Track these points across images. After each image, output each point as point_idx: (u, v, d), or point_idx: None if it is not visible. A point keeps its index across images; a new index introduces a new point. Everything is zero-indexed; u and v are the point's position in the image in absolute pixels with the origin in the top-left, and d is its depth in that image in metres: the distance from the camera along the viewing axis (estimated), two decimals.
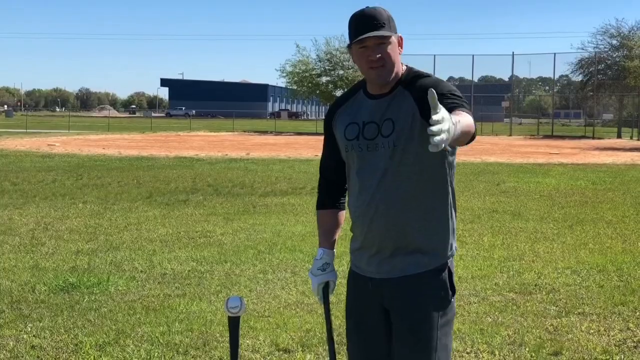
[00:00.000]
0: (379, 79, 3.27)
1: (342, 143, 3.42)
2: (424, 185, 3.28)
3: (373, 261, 3.37)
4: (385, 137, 3.26)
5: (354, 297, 3.52)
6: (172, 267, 8.84)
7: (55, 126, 70.08)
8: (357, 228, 3.42)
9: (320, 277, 3.53)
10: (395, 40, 3.29)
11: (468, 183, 19.71)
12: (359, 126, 3.35)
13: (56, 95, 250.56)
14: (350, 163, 3.41)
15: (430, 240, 3.31)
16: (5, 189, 17.22)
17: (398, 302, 3.33)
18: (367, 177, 3.32)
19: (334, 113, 3.51)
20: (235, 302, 3.45)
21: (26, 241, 10.46)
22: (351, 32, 3.26)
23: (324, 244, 3.59)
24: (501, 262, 9.39)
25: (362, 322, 3.46)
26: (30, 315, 6.78)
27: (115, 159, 27.82)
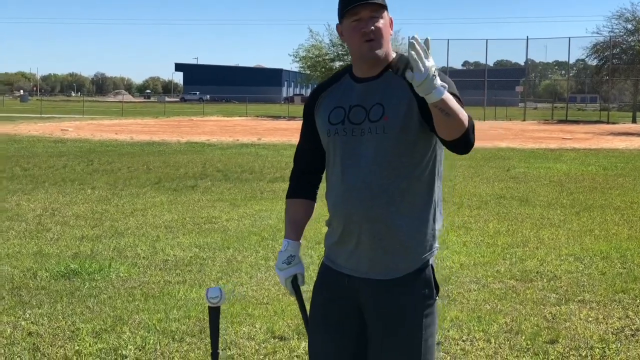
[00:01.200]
0: (371, 52, 3.10)
1: (324, 128, 3.24)
2: (412, 180, 3.12)
3: (352, 257, 3.19)
4: (373, 122, 3.10)
5: (324, 293, 3.33)
6: (174, 254, 8.86)
7: (70, 111, 70.29)
8: (336, 220, 3.22)
9: (286, 271, 3.37)
10: (387, 17, 3.17)
11: (478, 168, 19.66)
12: (344, 110, 3.19)
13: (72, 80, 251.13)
14: (332, 149, 3.22)
15: (414, 238, 3.13)
16: (15, 174, 17.29)
17: (379, 303, 3.16)
18: (350, 164, 3.14)
19: (316, 98, 3.34)
20: (215, 292, 3.46)
21: (32, 227, 10.51)
22: (342, 5, 3.13)
23: (289, 235, 3.41)
24: (504, 249, 9.36)
25: (332, 319, 3.28)
26: (30, 302, 6.82)
27: (126, 144, 27.88)
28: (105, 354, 5.52)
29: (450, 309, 6.72)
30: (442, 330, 6.09)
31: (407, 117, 3.06)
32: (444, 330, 6.10)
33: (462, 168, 19.62)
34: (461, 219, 11.53)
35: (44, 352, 5.55)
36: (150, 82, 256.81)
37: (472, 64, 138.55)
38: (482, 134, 37.81)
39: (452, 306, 6.82)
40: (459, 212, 12.29)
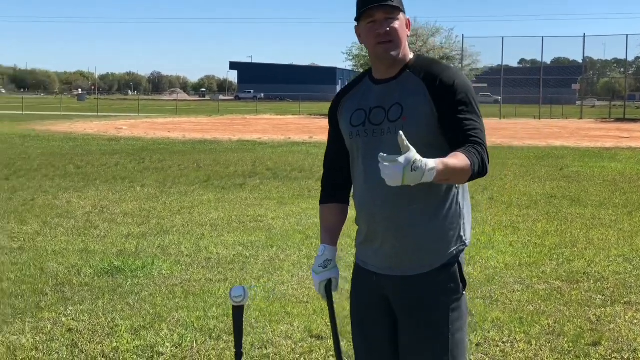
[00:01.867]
0: (386, 54, 3.14)
1: (347, 130, 3.29)
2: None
3: (378, 255, 3.24)
4: (392, 121, 3.13)
5: (357, 292, 3.40)
6: (217, 252, 8.88)
7: (126, 110, 71.15)
8: (362, 219, 3.28)
9: (321, 275, 3.41)
10: (403, 18, 3.20)
11: (530, 167, 19.43)
12: (365, 112, 3.23)
13: (129, 79, 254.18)
14: (355, 151, 3.27)
15: (437, 235, 3.15)
16: (69, 172, 17.53)
17: (406, 299, 3.20)
18: (371, 164, 3.11)
19: (338, 102, 3.40)
20: (239, 291, 3.43)
21: (80, 224, 10.63)
22: (358, 7, 3.18)
23: (325, 240, 3.47)
24: (552, 249, 9.21)
25: (366, 317, 3.35)
26: (72, 299, 6.88)
27: (178, 142, 28.11)
28: (142, 351, 5.55)
29: (492, 309, 6.62)
30: (482, 332, 6.00)
31: (425, 117, 3.08)
32: (484, 332, 6.01)
33: (513, 167, 19.44)
34: (509, 219, 11.38)
35: (82, 348, 5.59)
36: (206, 81, 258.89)
37: (528, 61, 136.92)
38: (536, 132, 37.49)
39: (494, 307, 6.72)
40: (508, 211, 12.14)
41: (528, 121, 53.25)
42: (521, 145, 27.74)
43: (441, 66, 3.21)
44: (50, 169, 17.99)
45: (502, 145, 27.86)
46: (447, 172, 2.81)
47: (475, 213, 11.82)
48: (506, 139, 31.15)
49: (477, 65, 63.38)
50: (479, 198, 13.62)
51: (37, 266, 8.07)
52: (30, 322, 6.16)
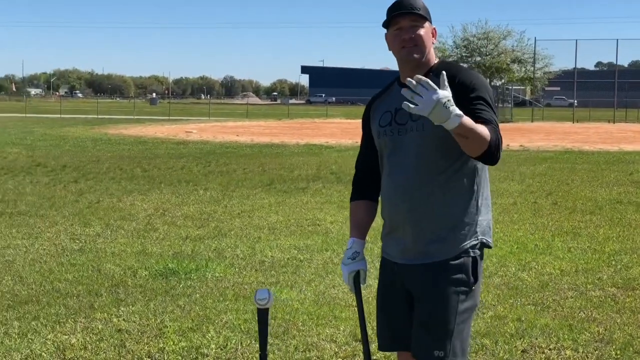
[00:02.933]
0: (409, 56, 3.40)
1: (375, 132, 3.54)
2: (452, 173, 3.36)
3: (398, 246, 3.47)
4: (415, 120, 3.35)
5: (381, 282, 3.64)
6: (272, 255, 8.94)
7: (197, 113, 72.04)
8: (386, 212, 3.52)
9: (350, 266, 3.59)
10: (429, 27, 3.44)
11: (598, 172, 19.09)
12: (391, 113, 3.48)
13: (202, 83, 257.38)
14: (382, 149, 3.51)
15: (453, 228, 3.39)
16: (135, 175, 17.84)
17: (419, 286, 3.42)
18: (396, 160, 3.43)
19: (370, 107, 3.70)
20: (264, 294, 3.48)
21: (141, 226, 10.81)
22: (387, 16, 3.44)
23: (354, 233, 3.67)
24: (611, 255, 9.05)
25: (388, 305, 3.59)
26: (125, 300, 7.01)
27: (246, 146, 28.35)
28: (187, 352, 5.63)
29: (542, 316, 6.54)
30: (529, 338, 5.95)
31: None
32: (532, 338, 5.95)
33: (581, 172, 19.13)
34: (571, 224, 11.21)
35: (129, 348, 5.70)
36: (278, 85, 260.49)
37: (605, 64, 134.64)
38: (608, 137, 36.77)
39: (545, 313, 6.63)
40: (570, 217, 11.95)
41: (601, 125, 52.28)
42: (592, 150, 27.26)
43: (460, 67, 3.49)
44: (118, 172, 18.34)
45: (572, 149, 27.45)
46: (469, 129, 3.04)
47: (537, 218, 11.71)
48: (577, 143, 30.67)
49: (549, 68, 62.44)
50: (542, 203, 13.46)
51: (94, 267, 8.24)
52: (82, 322, 6.30)
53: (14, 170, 18.42)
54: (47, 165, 19.63)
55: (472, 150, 3.14)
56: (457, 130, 3.02)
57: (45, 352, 5.61)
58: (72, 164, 20.27)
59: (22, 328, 6.13)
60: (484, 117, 3.20)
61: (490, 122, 3.20)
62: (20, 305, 6.79)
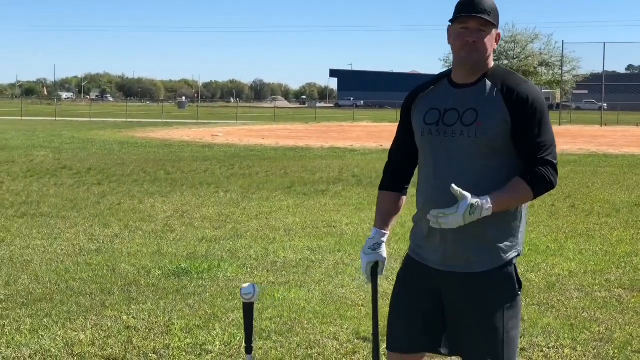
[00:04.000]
0: (468, 59, 3.33)
1: (419, 127, 3.45)
2: (499, 182, 3.30)
3: (437, 252, 3.41)
4: (466, 125, 3.31)
5: (408, 284, 3.56)
6: (285, 256, 9.07)
7: (225, 117, 72.42)
8: (423, 215, 3.41)
9: (370, 256, 3.56)
10: (494, 32, 3.38)
11: (620, 176, 19.06)
12: (439, 112, 3.40)
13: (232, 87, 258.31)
14: (425, 148, 3.44)
15: (499, 238, 3.35)
16: (158, 177, 18.05)
17: (464, 295, 3.38)
18: (441, 163, 3.36)
19: (414, 99, 3.56)
20: (249, 289, 3.61)
21: (159, 228, 10.98)
22: (456, 11, 3.35)
23: (378, 224, 3.63)
24: (622, 257, 9.10)
25: (416, 310, 3.49)
26: (136, 298, 7.17)
27: (270, 149, 28.53)
28: (192, 349, 5.77)
29: (545, 315, 6.62)
30: (529, 337, 6.03)
31: (499, 125, 3.27)
32: (532, 337, 6.03)
33: (604, 175, 19.13)
34: (585, 227, 11.25)
35: (136, 344, 5.85)
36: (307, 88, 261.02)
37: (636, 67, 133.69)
38: (635, 140, 36.56)
39: (548, 313, 6.71)
40: (586, 219, 11.98)
41: (629, 128, 51.99)
42: (616, 153, 27.17)
43: (518, 79, 3.40)
44: (142, 175, 18.56)
45: (597, 153, 27.38)
46: (504, 206, 3.25)
47: (552, 221, 11.75)
48: (603, 147, 30.57)
49: (577, 71, 62.15)
50: (560, 205, 13.49)
51: (109, 267, 8.41)
52: (92, 320, 6.46)
53: (40, 172, 18.70)
54: (72, 168, 19.90)
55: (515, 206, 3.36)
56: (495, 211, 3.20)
57: (54, 347, 5.77)
58: (98, 166, 20.54)
59: (34, 325, 6.30)
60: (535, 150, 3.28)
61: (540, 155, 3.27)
62: (34, 303, 6.97)
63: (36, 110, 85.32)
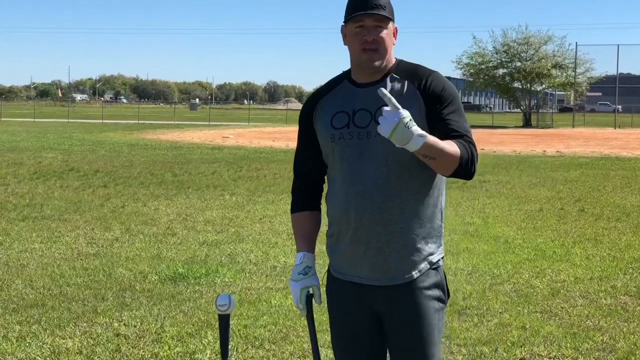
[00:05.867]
0: (369, 62, 3.13)
1: (326, 133, 3.20)
2: (423, 182, 3.13)
3: (364, 265, 3.16)
4: None
5: (341, 307, 3.31)
6: (284, 260, 8.92)
7: (237, 119, 72.35)
8: (344, 225, 3.19)
9: (302, 282, 3.30)
10: (392, 27, 3.18)
11: (632, 179, 18.82)
12: (348, 114, 3.17)
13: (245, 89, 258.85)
14: (337, 154, 3.17)
15: (426, 241, 3.15)
16: (165, 179, 17.93)
17: (395, 307, 3.18)
18: (358, 167, 3.11)
19: (314, 104, 3.30)
20: (224, 299, 3.44)
21: (160, 231, 10.84)
22: (349, 9, 3.14)
23: (302, 247, 3.38)
24: (630, 263, 8.89)
25: (350, 332, 3.29)
26: (130, 305, 7.02)
27: (280, 151, 28.38)
28: (181, 357, 5.63)
29: (548, 324, 6.44)
30: (530, 346, 5.86)
31: (417, 120, 2.97)
32: (533, 346, 5.86)
33: (615, 178, 18.89)
34: (593, 231, 11.04)
35: (125, 353, 5.71)
36: None
37: None
38: None
39: (551, 321, 6.53)
40: (595, 223, 11.77)
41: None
42: (629, 156, 26.89)
43: (426, 70, 3.21)
44: (148, 177, 18.44)
45: (609, 155, 27.11)
46: (435, 149, 2.89)
47: (560, 225, 11.55)
48: (615, 150, 30.29)
49: (590, 73, 61.78)
50: (569, 209, 13.29)
51: (106, 272, 8.27)
52: (82, 327, 6.32)
53: (47, 174, 18.60)
54: (79, 170, 19.80)
55: (442, 170, 3.02)
56: (421, 152, 2.85)
57: (39, 356, 5.63)
58: (105, 168, 20.43)
59: (22, 332, 6.17)
60: (457, 131, 3.03)
61: (464, 134, 3.04)
62: (25, 309, 6.83)
63: (49, 112, 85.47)
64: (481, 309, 6.87)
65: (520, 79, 61.12)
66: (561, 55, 61.18)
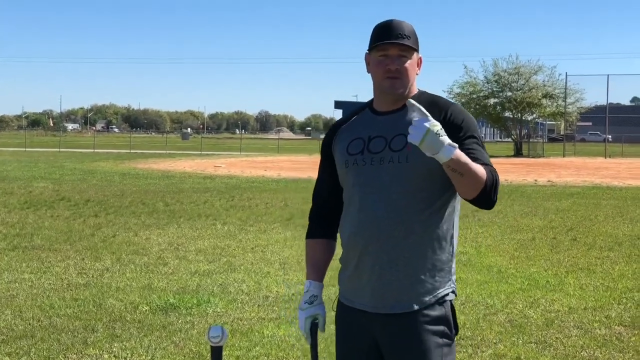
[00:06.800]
0: (392, 89, 3.16)
1: (342, 159, 3.23)
2: (433, 212, 3.10)
3: (365, 291, 3.16)
4: (396, 151, 3.11)
5: (345, 334, 3.30)
6: (277, 290, 8.86)
7: (228, 148, 72.36)
8: (351, 251, 3.20)
9: (308, 311, 3.31)
10: (416, 57, 3.21)
11: (624, 208, 18.81)
12: (363, 140, 3.20)
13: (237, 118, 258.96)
14: (350, 179, 3.20)
15: (432, 272, 3.12)
16: (157, 209, 17.85)
17: (396, 339, 3.13)
18: (369, 192, 3.13)
19: (334, 133, 3.36)
20: (217, 331, 3.37)
21: (151, 261, 10.76)
22: (374, 38, 3.18)
23: (311, 275, 3.39)
24: (623, 292, 8.86)
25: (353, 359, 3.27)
26: (120, 335, 6.94)
27: (272, 180, 28.34)
28: None
29: (542, 354, 6.39)
30: None
31: None
32: None
33: (607, 207, 18.87)
34: (587, 261, 11.01)
35: None
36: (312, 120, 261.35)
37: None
38: (638, 172, 36.31)
39: (545, 352, 6.48)
40: (588, 253, 11.74)
41: (633, 161, 51.72)
42: (620, 186, 26.91)
43: (447, 102, 3.23)
44: (140, 206, 18.35)
45: (600, 185, 27.13)
46: (463, 165, 2.85)
47: (553, 254, 11.52)
48: (606, 179, 30.32)
49: (580, 103, 62.08)
50: (561, 238, 13.27)
51: (96, 302, 8.19)
52: (72, 358, 6.25)
53: (37, 204, 18.51)
54: (70, 200, 19.71)
55: (467, 190, 2.95)
56: (451, 164, 2.81)
57: None
58: (96, 198, 20.35)
59: None
60: (480, 159, 3.00)
61: (487, 164, 3.02)
62: (15, 340, 6.74)
63: (41, 141, 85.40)
64: (475, 340, 6.81)
65: (511, 109, 61.32)
66: (551, 85, 61.46)
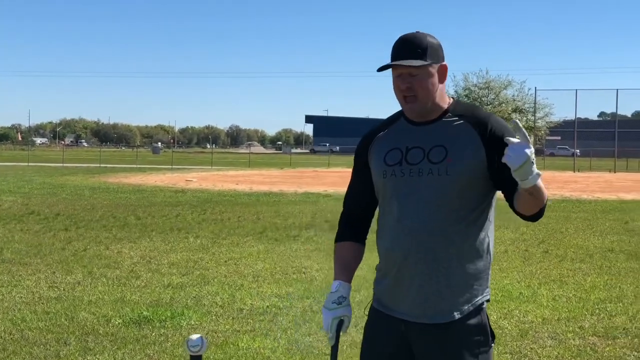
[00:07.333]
0: (410, 112, 3.19)
1: (379, 170, 3.24)
2: (470, 223, 3.13)
3: (405, 301, 3.17)
4: (435, 163, 3.11)
5: (377, 340, 3.28)
6: (251, 303, 8.82)
7: (200, 162, 72.16)
8: (390, 262, 3.20)
9: (335, 312, 3.24)
10: (434, 69, 3.15)
11: (593, 221, 18.97)
12: (401, 151, 3.20)
13: (208, 132, 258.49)
14: (388, 190, 3.21)
15: (470, 282, 3.14)
16: (128, 222, 17.74)
17: (432, 348, 3.14)
18: (408, 204, 3.13)
19: (371, 140, 3.36)
20: (197, 341, 3.36)
21: (124, 274, 10.68)
22: (391, 58, 3.16)
23: (340, 276, 3.35)
24: (596, 304, 8.91)
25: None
26: (93, 349, 6.88)
27: (243, 194, 28.28)
28: None
29: None
30: None
31: (473, 161, 3.07)
32: None
33: (577, 220, 19.03)
34: (559, 272, 11.08)
35: None
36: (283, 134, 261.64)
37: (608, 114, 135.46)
38: (607, 186, 36.70)
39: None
40: (559, 265, 11.82)
41: (602, 174, 52.27)
42: (589, 199, 27.16)
43: (486, 112, 3.21)
44: (111, 220, 18.24)
45: (570, 198, 27.35)
46: (540, 187, 2.87)
47: (526, 266, 11.58)
48: (576, 192, 30.59)
49: (550, 118, 62.67)
50: (533, 250, 13.34)
51: (68, 315, 8.11)
52: None
53: (6, 218, 18.33)
54: (40, 213, 19.54)
55: (531, 208, 2.97)
56: (532, 189, 2.83)
57: None
58: (66, 212, 20.19)
59: None
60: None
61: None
62: None
63: (9, 155, 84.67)
64: None
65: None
66: (521, 100, 62.12)
